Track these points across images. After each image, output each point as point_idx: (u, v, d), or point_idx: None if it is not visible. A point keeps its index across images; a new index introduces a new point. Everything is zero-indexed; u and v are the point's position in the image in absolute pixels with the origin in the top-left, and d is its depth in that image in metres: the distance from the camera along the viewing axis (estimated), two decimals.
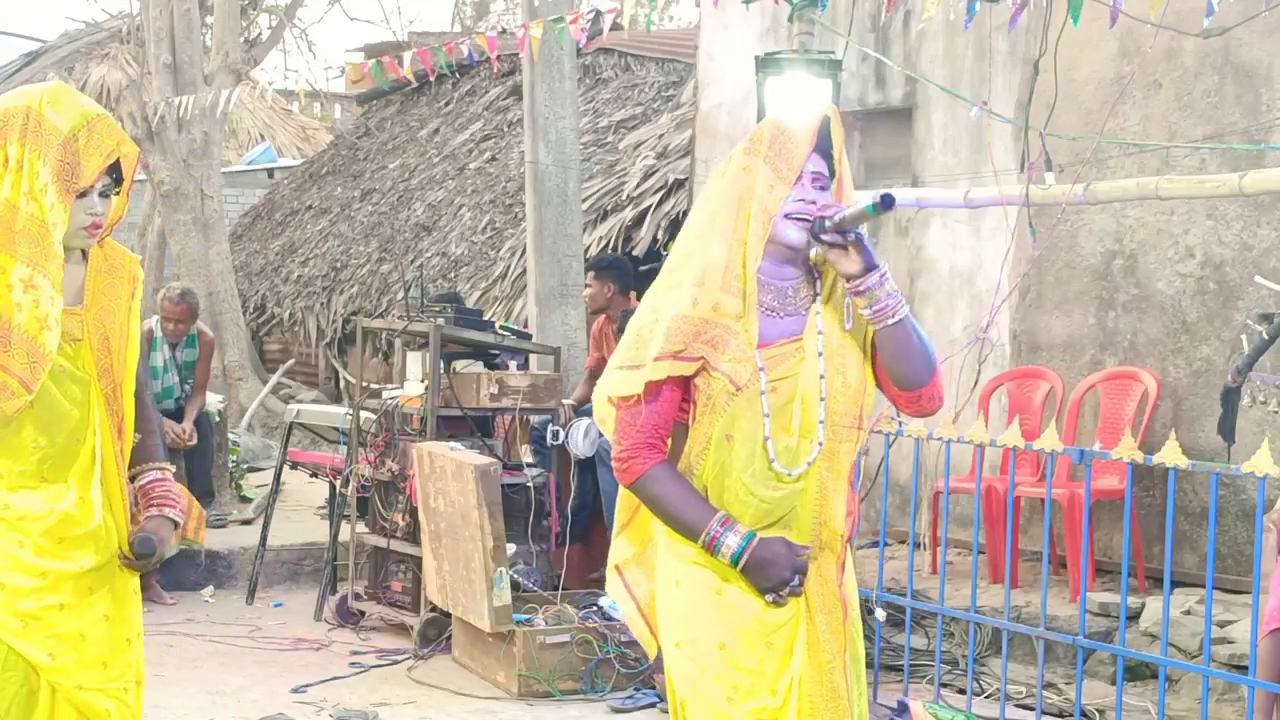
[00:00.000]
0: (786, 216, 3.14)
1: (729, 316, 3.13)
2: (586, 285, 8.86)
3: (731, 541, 3.13)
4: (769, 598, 3.16)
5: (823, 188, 3.18)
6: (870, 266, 3.10)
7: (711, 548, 3.14)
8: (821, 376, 3.17)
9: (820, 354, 3.18)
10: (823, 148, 3.20)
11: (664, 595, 3.25)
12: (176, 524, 3.65)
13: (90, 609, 3.47)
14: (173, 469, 3.75)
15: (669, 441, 3.25)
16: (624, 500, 3.33)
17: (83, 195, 3.39)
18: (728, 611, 3.17)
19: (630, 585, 3.36)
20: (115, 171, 3.47)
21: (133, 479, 3.65)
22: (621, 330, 8.69)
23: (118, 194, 3.49)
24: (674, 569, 3.22)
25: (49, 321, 3.36)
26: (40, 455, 3.42)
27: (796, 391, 3.16)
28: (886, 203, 3.05)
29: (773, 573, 3.14)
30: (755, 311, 3.16)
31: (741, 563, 3.13)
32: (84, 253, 3.55)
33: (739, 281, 3.14)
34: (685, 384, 3.19)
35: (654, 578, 3.30)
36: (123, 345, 3.54)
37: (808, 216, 3.13)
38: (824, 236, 3.10)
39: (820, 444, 3.17)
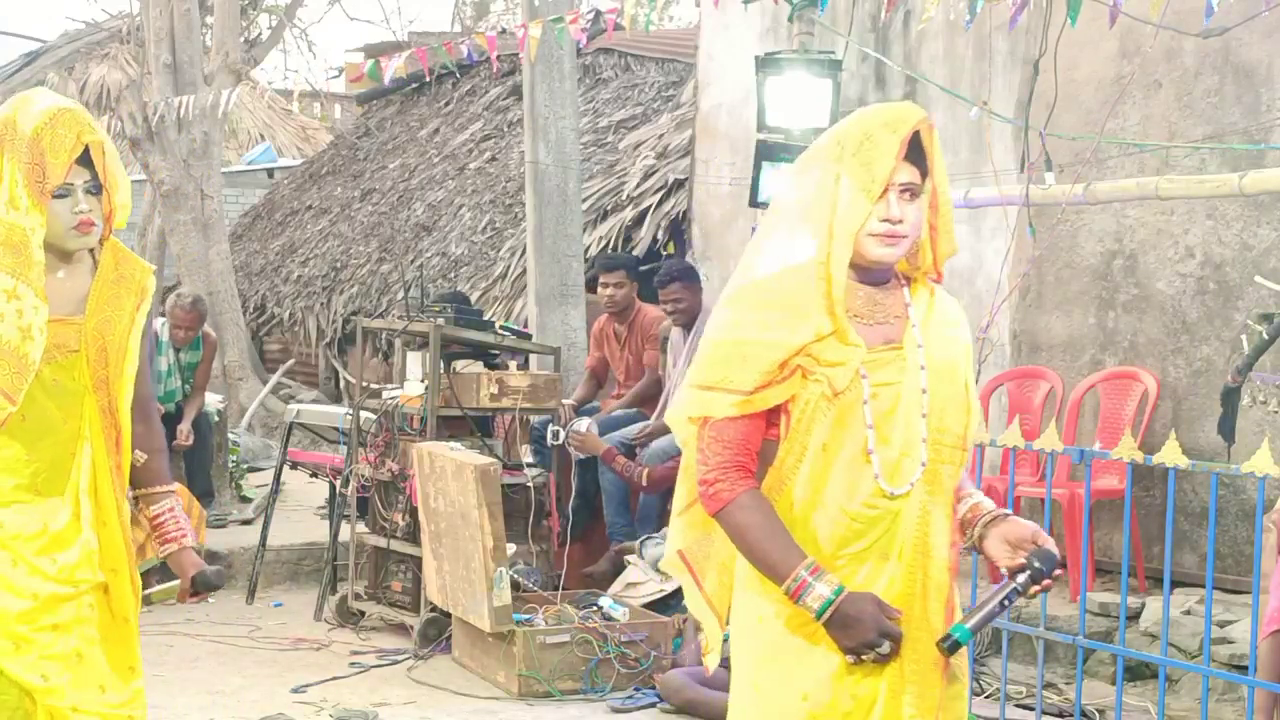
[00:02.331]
0: (870, 235, 2.91)
1: (822, 335, 2.90)
2: (615, 285, 8.64)
3: (821, 592, 2.85)
4: (849, 659, 2.89)
5: (914, 196, 2.95)
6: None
7: (797, 596, 2.87)
8: (924, 391, 2.94)
9: (923, 367, 2.96)
10: (913, 154, 2.96)
11: (742, 630, 2.99)
12: (197, 550, 3.65)
13: (86, 629, 3.41)
14: (178, 487, 3.71)
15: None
16: (684, 483, 3.07)
17: (62, 195, 3.33)
18: (813, 657, 2.92)
19: (696, 572, 3.09)
20: (93, 166, 3.37)
21: (137, 500, 3.60)
22: (625, 328, 8.70)
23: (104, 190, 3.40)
24: (756, 604, 2.96)
25: (33, 331, 3.32)
26: (33, 469, 3.38)
27: (899, 402, 2.93)
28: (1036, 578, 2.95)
29: (857, 633, 2.85)
30: (846, 321, 2.92)
31: (826, 617, 2.86)
32: (94, 260, 3.48)
33: (827, 300, 2.90)
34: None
35: (720, 566, 3.06)
36: (121, 358, 3.46)
37: (895, 235, 2.92)
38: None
39: (923, 463, 2.93)
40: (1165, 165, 7.25)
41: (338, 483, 7.94)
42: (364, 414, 7.69)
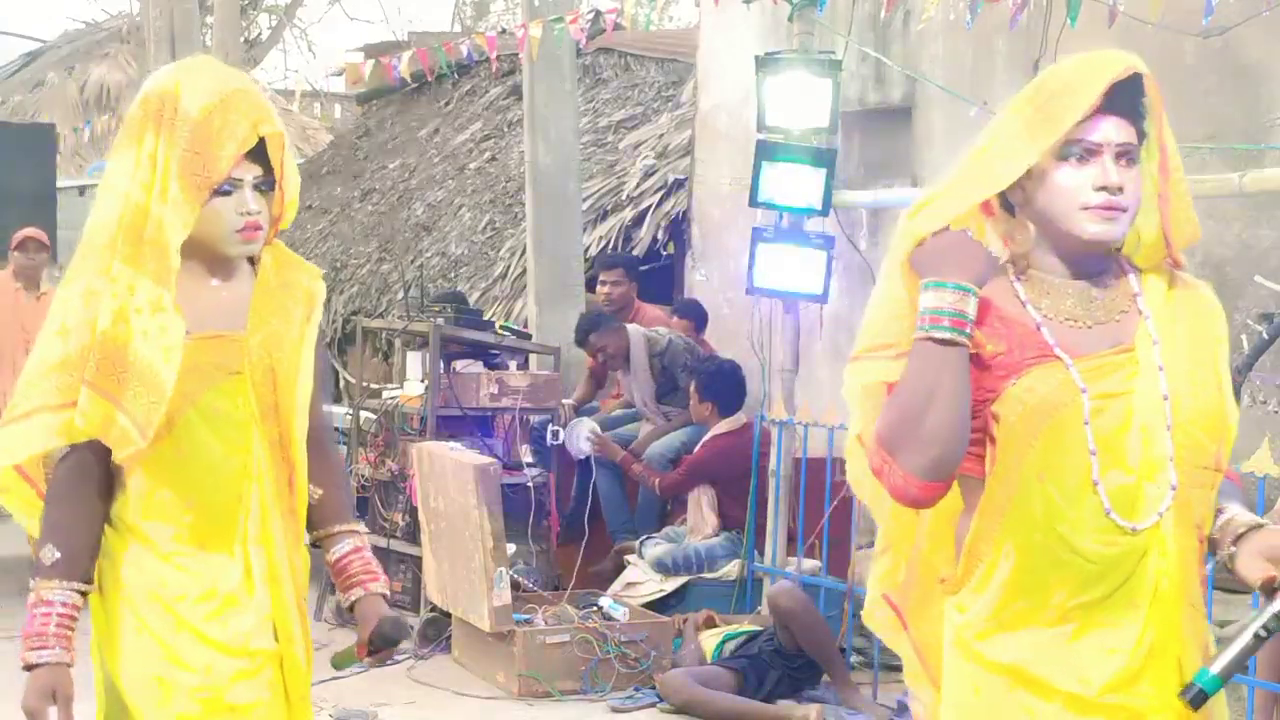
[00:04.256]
0: (1085, 209, 2.38)
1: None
2: (613, 283, 8.75)
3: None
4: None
5: (1131, 162, 2.42)
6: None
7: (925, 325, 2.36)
8: (1165, 398, 2.37)
9: (1161, 368, 2.39)
10: (1129, 109, 2.41)
11: (958, 702, 2.49)
12: (385, 597, 3.15)
13: (262, 713, 2.92)
14: (363, 528, 3.20)
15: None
16: (894, 517, 2.58)
17: (227, 192, 2.82)
18: None
19: (903, 612, 2.63)
20: (265, 159, 2.87)
21: (315, 544, 3.09)
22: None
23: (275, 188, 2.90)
24: (971, 672, 2.46)
25: (171, 353, 2.79)
26: (194, 516, 2.86)
27: (1133, 416, 2.37)
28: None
29: (951, 259, 2.35)
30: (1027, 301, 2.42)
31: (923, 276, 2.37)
32: (253, 265, 2.98)
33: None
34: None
35: (936, 612, 2.57)
36: (292, 379, 2.91)
37: (1115, 208, 2.39)
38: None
39: (1173, 486, 2.36)
40: None
41: None
42: (364, 414, 7.69)
